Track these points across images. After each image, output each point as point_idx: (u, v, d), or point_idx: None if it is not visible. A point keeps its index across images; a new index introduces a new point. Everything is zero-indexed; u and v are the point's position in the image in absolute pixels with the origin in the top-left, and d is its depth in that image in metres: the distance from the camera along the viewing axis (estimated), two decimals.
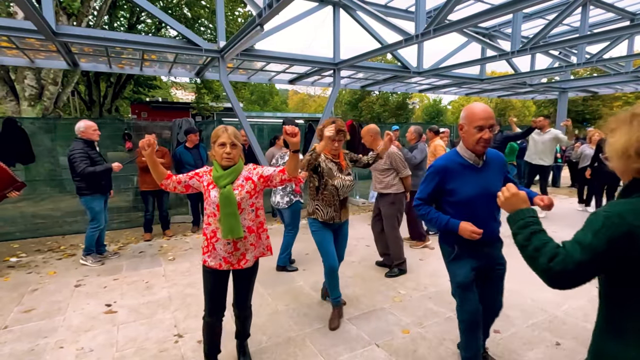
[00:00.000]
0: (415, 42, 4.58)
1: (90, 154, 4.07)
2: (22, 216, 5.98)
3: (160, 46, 4.98)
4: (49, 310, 3.17)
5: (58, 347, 2.62)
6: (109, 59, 5.81)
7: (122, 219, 6.26)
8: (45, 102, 8.10)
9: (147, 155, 1.94)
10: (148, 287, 3.68)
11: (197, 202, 5.82)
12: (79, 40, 4.46)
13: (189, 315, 3.08)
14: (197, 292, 3.53)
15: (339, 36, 6.16)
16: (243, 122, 5.56)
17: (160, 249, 4.88)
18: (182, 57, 5.93)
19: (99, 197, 4.25)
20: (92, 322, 2.98)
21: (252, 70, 7.37)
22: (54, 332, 2.83)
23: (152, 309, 3.20)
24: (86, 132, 4.13)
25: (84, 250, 4.29)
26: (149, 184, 5.15)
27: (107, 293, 3.53)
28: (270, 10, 3.55)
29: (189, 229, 5.86)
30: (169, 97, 25.05)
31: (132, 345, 2.63)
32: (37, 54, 5.59)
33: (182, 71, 7.10)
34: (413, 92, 11.05)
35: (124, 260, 4.46)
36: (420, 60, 6.98)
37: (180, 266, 4.26)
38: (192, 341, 2.69)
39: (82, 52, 5.52)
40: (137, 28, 14.69)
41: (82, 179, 4.03)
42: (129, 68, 6.57)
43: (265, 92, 32.16)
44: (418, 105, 32.96)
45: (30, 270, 4.12)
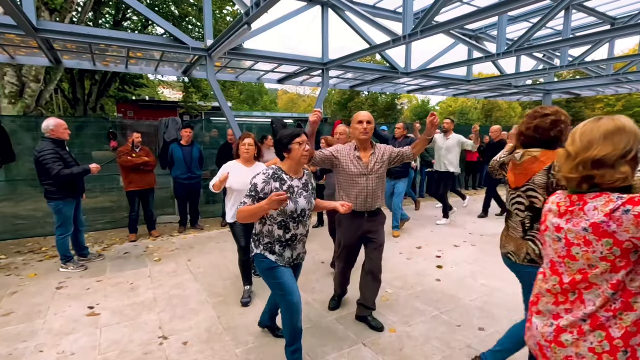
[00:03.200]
0: (403, 43, 4.62)
1: (62, 155, 3.80)
2: (2, 217, 5.81)
3: (146, 44, 4.89)
4: (29, 314, 3.09)
5: (38, 351, 2.55)
6: (93, 56, 5.70)
7: (107, 220, 6.14)
8: (27, 100, 7.89)
9: None
10: (133, 288, 3.62)
11: (184, 203, 5.75)
12: (61, 36, 4.35)
13: (175, 317, 3.04)
14: (184, 293, 3.49)
15: (327, 36, 6.16)
16: (231, 121, 5.51)
17: (146, 250, 4.81)
18: (169, 56, 5.85)
19: (71, 202, 3.97)
20: (74, 325, 2.91)
21: (241, 69, 7.32)
22: (34, 335, 2.76)
23: (137, 311, 3.15)
24: (56, 130, 3.82)
25: (62, 259, 4.04)
26: (134, 184, 5.06)
27: (90, 295, 3.45)
28: (257, 9, 3.53)
29: (176, 229, 5.79)
30: (156, 96, 24.67)
31: (116, 348, 2.58)
32: (18, 50, 5.44)
33: (169, 69, 7.00)
34: (402, 92, 11.14)
35: (108, 261, 4.37)
36: (408, 61, 7.03)
37: (167, 267, 4.20)
38: (177, 343, 2.65)
39: (65, 49, 5.40)
40: (123, 25, 14.41)
41: (55, 182, 3.75)
42: (114, 66, 6.45)
43: (254, 92, 31.97)
44: (407, 106, 33.22)
45: (10, 272, 4.01)
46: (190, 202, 5.79)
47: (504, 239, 2.06)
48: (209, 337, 2.74)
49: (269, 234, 2.15)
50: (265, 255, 2.15)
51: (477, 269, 4.10)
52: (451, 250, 4.77)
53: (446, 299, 3.36)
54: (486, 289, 3.54)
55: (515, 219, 1.96)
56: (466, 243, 5.09)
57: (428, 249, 4.84)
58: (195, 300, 3.36)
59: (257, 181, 2.07)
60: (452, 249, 4.85)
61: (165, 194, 6.91)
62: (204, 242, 5.17)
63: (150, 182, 5.23)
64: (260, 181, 2.06)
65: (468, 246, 4.97)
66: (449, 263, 4.30)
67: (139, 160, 4.96)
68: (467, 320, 2.96)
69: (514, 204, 1.96)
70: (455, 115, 32.74)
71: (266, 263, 2.15)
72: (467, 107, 30.74)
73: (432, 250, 4.76)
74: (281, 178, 2.12)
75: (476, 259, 4.42)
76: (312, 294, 3.47)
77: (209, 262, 4.32)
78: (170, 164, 5.54)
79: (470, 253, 4.68)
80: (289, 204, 2.07)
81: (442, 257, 4.51)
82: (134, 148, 5.01)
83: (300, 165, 2.20)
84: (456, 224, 6.13)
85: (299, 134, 2.12)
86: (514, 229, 1.96)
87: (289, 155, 2.14)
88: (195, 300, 3.35)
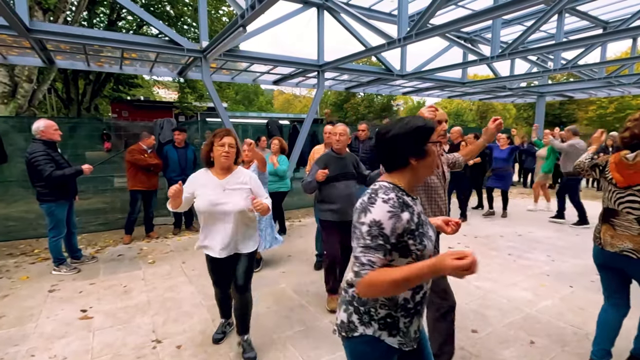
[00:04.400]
0: (398, 46, 4.64)
1: (53, 156, 3.77)
2: None
3: (140, 45, 4.87)
4: (20, 317, 3.06)
5: (29, 355, 2.53)
6: (86, 56, 5.66)
7: (100, 221, 6.09)
8: (19, 100, 7.79)
9: None
10: (126, 291, 3.59)
11: None
12: (54, 37, 4.32)
13: (169, 320, 3.03)
14: (177, 296, 3.48)
15: (323, 38, 6.18)
16: (226, 122, 5.50)
17: (140, 252, 4.77)
18: (163, 56, 5.83)
19: (63, 204, 3.94)
20: (66, 328, 2.89)
21: (236, 70, 7.31)
22: (26, 339, 2.73)
23: (130, 314, 3.13)
24: (46, 132, 3.78)
25: (54, 262, 4.01)
26: (141, 184, 5.08)
27: (83, 298, 3.42)
28: (252, 12, 3.53)
29: (170, 231, 5.76)
30: (151, 96, 24.52)
31: (109, 352, 2.56)
32: (10, 50, 5.39)
33: (164, 70, 6.97)
34: (397, 94, 11.19)
35: (102, 264, 4.34)
36: (403, 63, 7.07)
37: (161, 269, 4.18)
38: (171, 347, 2.64)
39: (58, 50, 5.36)
40: (117, 25, 14.31)
41: (47, 184, 3.72)
42: (108, 66, 6.41)
43: (250, 92, 31.93)
44: (403, 107, 33.36)
45: (1, 275, 3.96)
46: None
47: (610, 238, 2.15)
48: (203, 340, 2.73)
49: (389, 299, 1.25)
50: (382, 338, 1.25)
51: None
52: None
53: None
54: (480, 292, 3.56)
55: (626, 217, 2.09)
56: (460, 244, 5.12)
57: None
58: (190, 302, 3.34)
59: (378, 217, 1.15)
60: (446, 250, 4.86)
61: (159, 195, 6.88)
62: None
63: (155, 183, 5.32)
64: (384, 216, 1.15)
65: (462, 248, 5.00)
66: None
67: (153, 161, 5.02)
68: (461, 323, 2.97)
69: (622, 202, 2.10)
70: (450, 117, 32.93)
71: (380, 352, 1.27)
72: (462, 109, 30.96)
73: None
74: (406, 203, 1.23)
75: None
76: (305, 296, 3.47)
77: (203, 264, 4.29)
78: (165, 165, 5.52)
79: None
80: (427, 244, 1.27)
81: None
82: (146, 149, 5.06)
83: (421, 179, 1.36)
84: None
85: (433, 127, 1.27)
86: (626, 227, 2.09)
87: (417, 162, 1.26)
88: (189, 302, 3.34)
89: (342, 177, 3.13)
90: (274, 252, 4.61)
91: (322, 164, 3.12)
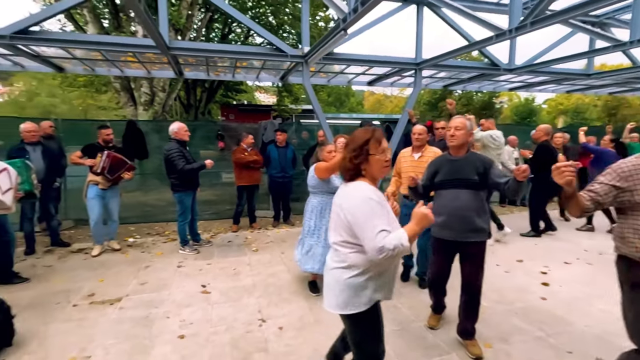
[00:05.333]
0: (508, 38, 4.25)
1: (184, 153, 4.47)
2: (136, 204, 7.04)
3: (251, 54, 5.44)
4: (157, 285, 3.71)
5: (165, 317, 3.06)
6: (207, 67, 6.53)
7: (212, 211, 6.97)
8: (156, 107, 9.41)
9: None
10: (235, 273, 4.07)
11: (278, 199, 6.21)
12: (186, 52, 5.11)
13: (271, 303, 3.33)
14: (278, 282, 3.80)
15: (421, 35, 6.00)
16: (323, 123, 5.76)
17: (245, 240, 5.34)
18: (268, 63, 6.37)
19: (190, 193, 4.64)
20: (191, 299, 3.41)
21: (332, 73, 7.57)
22: (162, 303, 3.31)
23: (239, 294, 3.53)
24: (179, 132, 4.52)
25: (180, 242, 4.75)
26: (244, 180, 5.72)
27: (203, 275, 3.99)
28: (355, 15, 3.64)
29: (270, 223, 6.28)
30: (253, 100, 26.93)
31: (224, 324, 2.95)
32: (153, 66, 6.53)
33: (267, 76, 7.62)
34: (501, 90, 10.20)
35: (215, 248, 4.98)
36: (512, 56, 6.42)
37: (263, 257, 4.60)
38: (274, 327, 2.91)
39: (187, 63, 6.30)
40: (228, 38, 16.15)
41: (179, 177, 4.43)
42: (223, 75, 7.28)
43: (341, 94, 32.60)
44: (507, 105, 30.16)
45: (144, 250, 4.86)
46: (283, 199, 6.24)
47: None
48: (302, 326, 2.94)
49: None
50: None
51: (595, 291, 3.56)
52: (560, 267, 4.23)
53: (553, 321, 3.01)
54: (607, 316, 3.06)
55: None
56: (579, 260, 4.45)
57: (530, 263, 4.37)
58: (288, 290, 3.62)
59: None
60: (561, 265, 4.29)
61: (260, 190, 7.56)
62: (294, 237, 5.49)
63: (257, 178, 5.91)
64: None
65: (582, 264, 4.34)
66: (557, 281, 3.83)
67: (250, 158, 5.62)
68: (581, 348, 2.61)
69: None
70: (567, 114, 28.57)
71: None
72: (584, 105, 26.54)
73: (535, 265, 4.28)
74: None
75: (593, 281, 3.84)
76: (399, 297, 3.44)
77: None
78: (267, 163, 6.05)
79: (584, 272, 4.09)
80: None
81: (548, 274, 4.03)
82: (246, 148, 5.67)
83: None
84: (567, 239, 5.39)
85: None
86: None
87: None
88: (287, 290, 3.62)
89: (449, 184, 2.55)
90: None
91: (433, 168, 2.69)
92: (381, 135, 1.69)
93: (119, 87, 9.54)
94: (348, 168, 1.70)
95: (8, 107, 32.12)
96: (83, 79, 15.07)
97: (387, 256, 1.48)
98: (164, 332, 2.83)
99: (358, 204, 1.59)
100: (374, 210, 1.56)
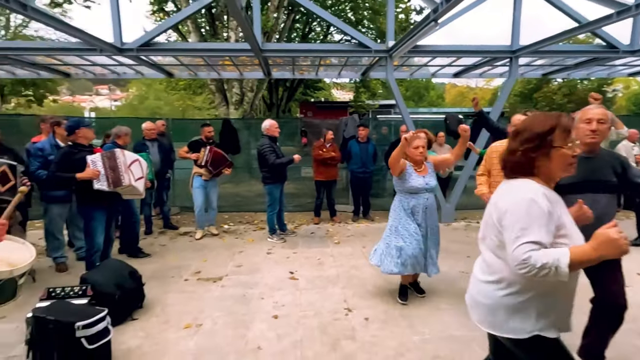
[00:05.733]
0: (634, 14, 3.66)
1: (275, 148, 4.82)
2: (228, 194, 7.76)
3: (335, 52, 5.58)
4: (251, 269, 4.07)
5: (260, 298, 3.35)
6: (293, 67, 6.87)
7: (295, 204, 7.33)
8: (245, 106, 10.21)
9: None
10: (320, 263, 4.25)
11: (358, 194, 6.28)
12: (276, 54, 5.46)
13: (355, 294, 3.42)
14: (361, 275, 3.87)
15: (519, 20, 5.47)
16: (407, 118, 5.65)
17: (327, 233, 5.53)
18: (351, 59, 6.45)
19: (279, 186, 4.99)
20: (281, 283, 3.67)
21: (415, 66, 7.35)
22: (256, 285, 3.63)
23: (324, 283, 3.69)
24: (270, 129, 4.88)
25: (269, 231, 5.13)
26: (322, 175, 5.92)
27: (290, 263, 4.25)
28: (447, 4, 3.49)
29: (349, 217, 6.39)
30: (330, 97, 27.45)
31: (312, 309, 3.13)
32: (245, 68, 7.10)
33: (348, 73, 7.72)
34: (617, 76, 8.76)
35: (300, 238, 5.26)
36: (635, 36, 5.49)
37: (344, 250, 4.72)
38: (360, 317, 2.99)
39: (275, 63, 6.71)
40: (308, 37, 16.70)
41: (270, 170, 4.79)
42: (307, 73, 7.59)
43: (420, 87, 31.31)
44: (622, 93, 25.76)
45: (237, 236, 5.36)
46: (363, 194, 6.29)
47: None
48: (386, 319, 2.96)
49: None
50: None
51: None
52: None
53: None
54: None
55: None
56: None
57: None
58: (371, 283, 3.66)
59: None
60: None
61: (339, 185, 7.72)
62: (374, 232, 5.53)
63: (333, 174, 6.04)
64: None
65: None
66: None
67: (328, 155, 5.77)
68: None
69: None
70: None
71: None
72: None
73: None
74: None
75: None
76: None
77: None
78: (348, 158, 6.15)
79: None
80: None
81: None
82: (325, 144, 5.87)
83: None
84: None
85: None
86: None
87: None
88: (371, 283, 3.67)
89: (584, 188, 2.01)
90: (453, 249, 4.50)
91: None
92: (570, 123, 1.33)
93: (214, 88, 10.57)
94: (519, 163, 1.35)
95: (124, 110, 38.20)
96: (183, 83, 17.03)
97: (529, 273, 1.17)
98: (259, 311, 3.11)
99: (515, 203, 1.28)
100: (532, 214, 1.22)
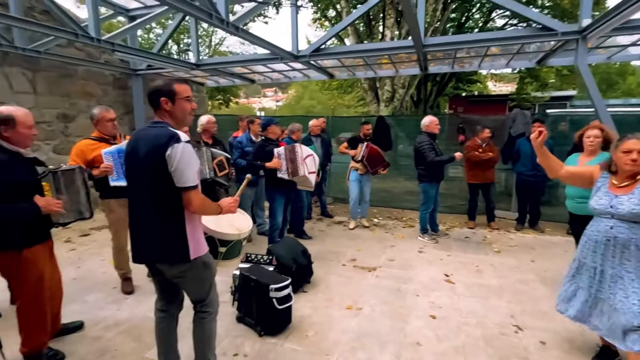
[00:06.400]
0: None
1: (434, 145, 4.66)
2: (376, 190, 7.94)
3: (509, 39, 4.97)
4: (403, 264, 4.10)
5: (415, 295, 3.35)
6: (453, 60, 6.47)
7: (445, 204, 6.94)
8: (395, 103, 10.25)
9: None
10: (478, 270, 3.93)
11: (525, 200, 5.50)
12: (439, 48, 5.24)
13: (525, 312, 3.04)
14: (531, 292, 3.41)
15: None
16: (602, 113, 4.58)
17: (484, 239, 5.05)
18: (527, 46, 5.63)
19: (435, 185, 4.81)
20: (435, 284, 3.57)
21: (616, 47, 5.87)
22: (410, 281, 3.63)
23: (485, 293, 3.40)
24: (430, 126, 4.72)
25: (420, 229, 5.02)
26: (476, 178, 5.44)
27: (444, 265, 4.09)
28: None
29: (511, 225, 5.66)
30: (485, 91, 24.76)
31: (474, 317, 2.93)
32: (401, 65, 7.09)
33: (520, 62, 6.77)
34: None
35: (453, 241, 4.98)
36: None
37: (507, 261, 4.22)
38: (534, 338, 2.64)
39: (434, 58, 6.47)
40: (465, 26, 15.40)
41: (426, 168, 4.65)
42: (468, 65, 7.03)
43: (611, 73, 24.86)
44: None
45: (387, 230, 5.47)
46: (532, 200, 5.46)
47: None
48: (570, 349, 2.52)
49: None
50: None
51: None
52: None
53: None
54: None
55: None
56: None
57: None
58: (547, 304, 3.15)
59: None
60: None
61: (499, 188, 6.90)
62: (545, 246, 4.76)
63: (490, 176, 5.47)
64: None
65: None
66: None
67: (486, 157, 5.24)
68: None
69: None
70: None
71: None
72: None
73: None
74: None
75: None
76: None
77: (557, 269, 3.92)
78: (515, 158, 5.44)
79: None
80: None
81: None
82: (481, 143, 5.35)
83: None
84: None
85: None
86: None
87: None
88: (546, 303, 3.16)
89: None
90: None
91: None
92: None
93: (367, 87, 10.98)
94: None
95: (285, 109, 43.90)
96: (335, 83, 18.27)
97: None
98: (415, 307, 3.11)
99: None
100: None
